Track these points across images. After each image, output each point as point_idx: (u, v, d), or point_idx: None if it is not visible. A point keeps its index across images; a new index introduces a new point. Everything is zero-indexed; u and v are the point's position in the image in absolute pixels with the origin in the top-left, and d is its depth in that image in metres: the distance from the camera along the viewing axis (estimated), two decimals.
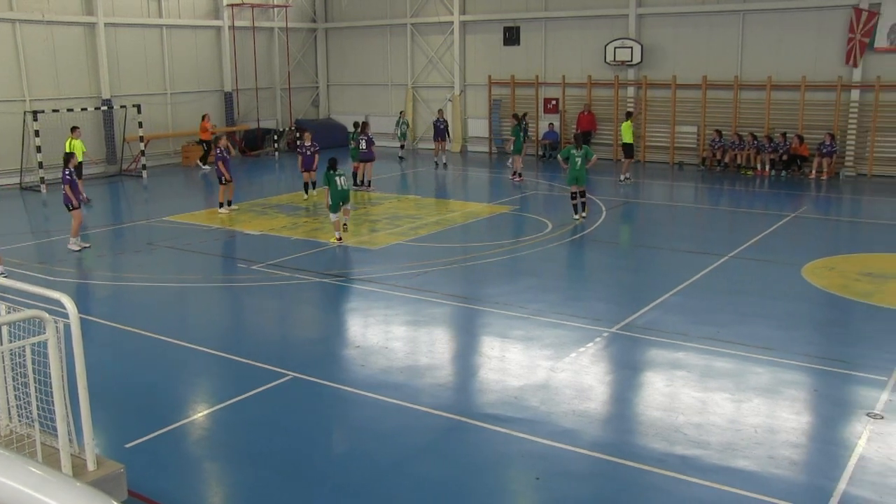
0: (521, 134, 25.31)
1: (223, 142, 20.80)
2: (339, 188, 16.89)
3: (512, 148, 25.40)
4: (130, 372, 10.51)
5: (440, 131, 28.61)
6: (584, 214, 18.96)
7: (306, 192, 22.42)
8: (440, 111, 29.42)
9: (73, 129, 23.03)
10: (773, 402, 9.13)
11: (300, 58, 35.82)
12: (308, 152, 22.27)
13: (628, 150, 25.01)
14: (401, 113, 31.55)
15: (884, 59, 24.77)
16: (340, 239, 17.11)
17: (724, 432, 8.41)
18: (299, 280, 14.51)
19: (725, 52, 27.13)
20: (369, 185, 23.91)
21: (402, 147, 31.01)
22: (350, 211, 17.92)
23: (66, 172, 16.61)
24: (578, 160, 18.66)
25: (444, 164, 28.55)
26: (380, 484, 7.57)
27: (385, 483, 7.59)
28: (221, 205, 20.79)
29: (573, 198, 19.06)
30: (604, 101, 29.80)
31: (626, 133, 24.94)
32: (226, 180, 20.46)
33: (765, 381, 9.71)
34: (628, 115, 25.69)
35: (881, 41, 24.65)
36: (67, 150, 20.86)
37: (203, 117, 29.53)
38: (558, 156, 19.40)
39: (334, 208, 16.95)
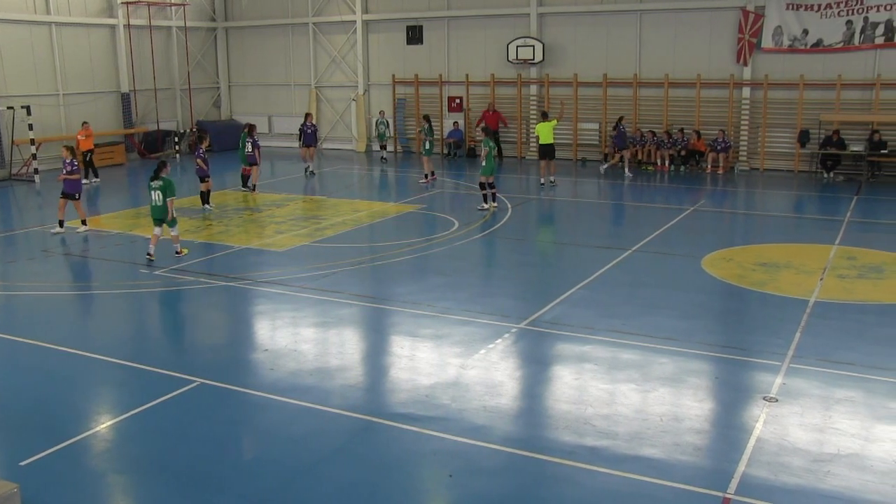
0: (432, 136, 25.07)
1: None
2: (152, 202, 15.60)
3: (425, 149, 24.99)
4: (25, 385, 10.06)
5: (308, 136, 26.82)
6: (495, 205, 19.55)
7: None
8: (308, 115, 27.49)
9: None
10: (678, 391, 9.40)
11: (200, 58, 35.02)
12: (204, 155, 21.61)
13: (548, 150, 23.82)
14: (380, 112, 30.32)
15: (770, 59, 25.86)
16: (150, 256, 15.42)
17: (631, 422, 8.61)
18: (204, 284, 14.18)
19: (624, 50, 27.84)
20: (254, 189, 23.42)
21: (382, 147, 30.08)
22: (174, 236, 15.81)
23: None
24: (493, 151, 19.54)
25: (312, 171, 26.82)
26: (291, 489, 7.46)
27: (296, 488, 7.48)
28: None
29: (483, 188, 19.78)
30: (507, 100, 30.14)
31: (545, 134, 23.68)
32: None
33: (669, 371, 9.99)
34: (544, 116, 24.31)
35: (767, 42, 25.75)
36: None
37: (82, 125, 26.62)
38: (493, 152, 19.73)
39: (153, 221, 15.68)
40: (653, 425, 8.53)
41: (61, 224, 18.32)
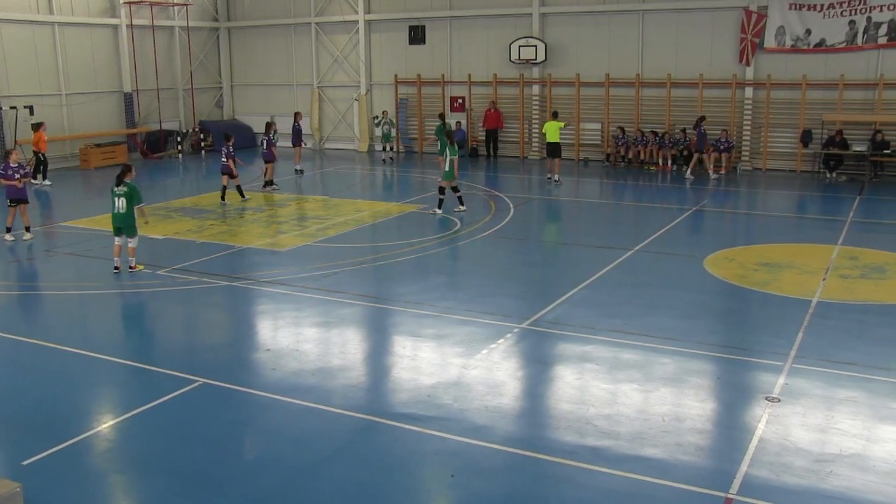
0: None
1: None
2: (114, 210, 14.77)
3: (439, 149, 24.55)
4: (28, 385, 10.07)
5: (294, 136, 26.53)
6: (439, 210, 19.59)
7: (242, 196, 21.87)
8: (297, 114, 27.00)
9: None
10: (679, 391, 9.39)
11: (202, 58, 35.04)
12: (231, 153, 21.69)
13: (554, 149, 24.41)
14: (383, 112, 30.11)
15: (773, 59, 25.84)
16: (116, 268, 14.83)
17: (633, 422, 8.61)
18: (206, 284, 14.19)
19: (626, 50, 27.83)
20: (269, 185, 23.50)
21: (385, 149, 29.68)
22: (131, 248, 14.86)
23: None
24: (455, 155, 19.50)
25: (301, 170, 26.85)
26: (292, 489, 7.46)
27: (298, 488, 7.48)
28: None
29: (443, 192, 19.74)
30: (510, 100, 30.14)
31: (552, 132, 24.28)
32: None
33: (671, 371, 9.98)
34: (554, 115, 25.08)
35: (770, 41, 25.74)
36: None
37: (39, 126, 25.82)
38: (453, 156, 19.60)
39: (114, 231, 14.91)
40: (654, 425, 8.52)
41: (9, 230, 17.69)
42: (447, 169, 19.48)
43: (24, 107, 26.52)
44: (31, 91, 28.00)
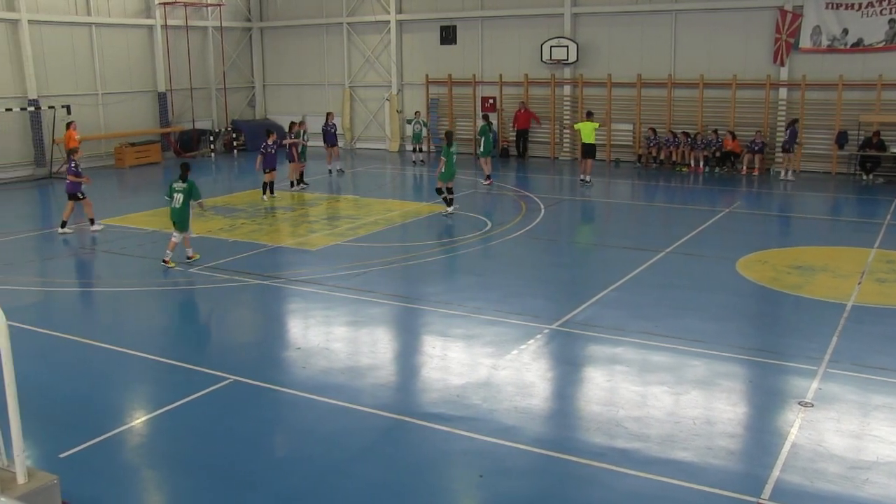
0: (490, 135, 24.60)
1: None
2: (172, 205, 15.32)
3: (481, 150, 24.56)
4: (64, 379, 10.24)
5: (330, 136, 26.46)
6: (450, 210, 19.48)
7: (264, 194, 22.04)
8: (329, 114, 27.02)
9: None
10: (710, 394, 9.31)
11: (235, 57, 35.33)
12: (272, 151, 21.93)
13: (589, 150, 24.07)
14: (416, 113, 30.04)
15: (808, 59, 25.52)
16: (165, 261, 15.24)
17: (663, 425, 8.55)
18: (238, 282, 14.32)
19: (659, 50, 27.63)
20: (296, 185, 23.75)
21: (416, 150, 29.55)
22: (187, 238, 15.50)
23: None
24: (455, 157, 19.28)
25: (340, 170, 27.05)
26: (321, 487, 7.51)
27: (326, 486, 7.52)
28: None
29: (442, 192, 19.62)
30: (541, 100, 30.05)
31: (587, 133, 23.93)
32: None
33: (701, 374, 9.90)
34: (589, 115, 24.68)
35: (805, 42, 25.41)
36: None
37: (68, 125, 25.80)
38: (441, 156, 19.56)
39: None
40: (685, 428, 8.46)
41: (64, 225, 18.33)
42: (444, 170, 19.35)
43: (62, 106, 26.93)
44: (68, 91, 28.41)
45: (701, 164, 26.34)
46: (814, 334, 11.17)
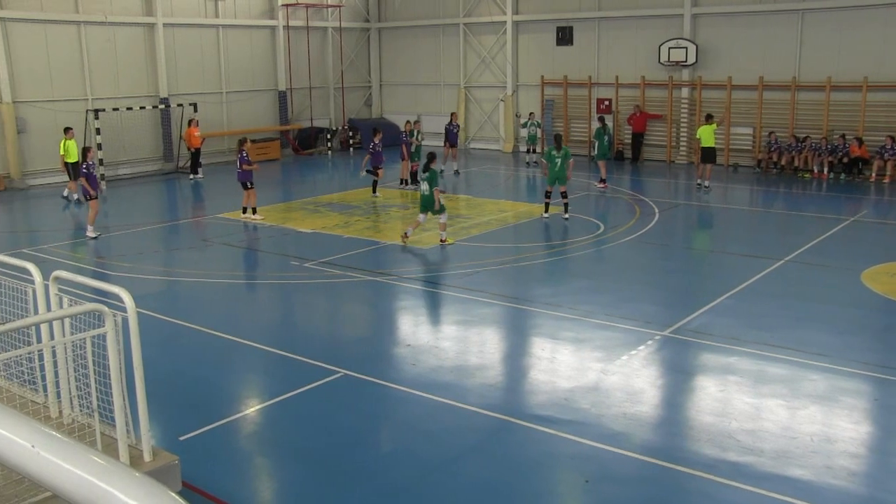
0: (606, 137, 24.37)
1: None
2: (420, 192, 17.00)
3: (596, 153, 24.38)
4: (184, 366, 10.70)
5: (452, 136, 26.63)
6: (566, 216, 19.04)
7: (374, 191, 22.45)
8: (453, 115, 27.49)
9: (67, 129, 22.70)
10: (830, 411, 8.93)
11: (353, 57, 36.09)
12: (379, 150, 22.35)
13: (709, 154, 23.26)
14: (530, 114, 29.90)
15: None
16: (404, 236, 16.83)
17: (778, 439, 8.25)
18: (351, 278, 14.62)
19: (783, 52, 26.62)
20: (406, 183, 24.07)
21: (530, 151, 29.39)
22: (441, 223, 16.81)
23: (84, 166, 17.79)
24: (558, 161, 18.85)
25: (456, 171, 27.05)
26: (426, 483, 7.59)
27: (430, 482, 7.60)
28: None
29: (547, 196, 19.34)
30: (658, 102, 29.46)
31: (707, 137, 23.12)
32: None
33: (821, 389, 9.51)
34: (708, 118, 23.78)
35: None
36: (61, 152, 21.76)
37: (190, 123, 27.31)
38: (542, 158, 19.26)
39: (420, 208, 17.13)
40: (802, 444, 8.14)
41: (244, 211, 19.92)
42: (547, 173, 19.06)
43: (189, 104, 28.15)
44: (195, 90, 29.66)
45: (825, 170, 25.25)
46: None
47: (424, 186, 16.70)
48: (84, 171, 17.73)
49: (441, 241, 16.74)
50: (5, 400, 6.74)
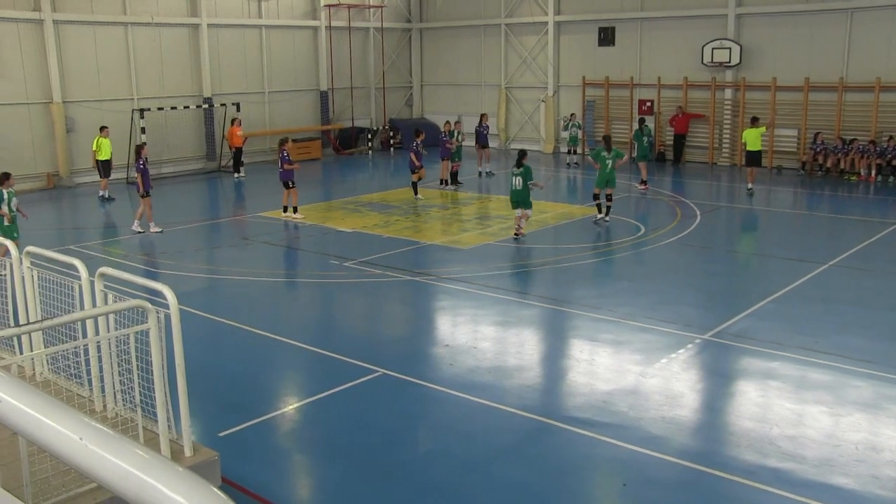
0: (645, 139, 24.14)
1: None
2: (512, 187, 17.12)
3: (635, 155, 24.17)
4: (225, 363, 10.83)
5: (482, 137, 26.53)
6: (607, 218, 18.80)
7: (416, 192, 22.40)
8: (483, 116, 27.02)
9: (102, 128, 23.18)
10: (876, 419, 8.76)
11: (395, 58, 36.22)
12: (421, 150, 22.38)
13: (754, 158, 22.95)
14: (571, 115, 29.94)
15: None
16: (516, 235, 17.17)
17: (821, 447, 8.12)
18: (390, 278, 14.68)
19: (830, 52, 26.16)
20: (446, 184, 24.13)
21: (570, 152, 29.19)
22: (527, 215, 17.28)
23: (139, 162, 18.09)
24: (609, 162, 18.67)
25: (488, 172, 26.93)
26: (463, 483, 7.60)
27: (467, 483, 7.61)
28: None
29: (596, 198, 19.20)
30: (700, 103, 29.14)
31: (753, 140, 22.72)
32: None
33: (866, 396, 9.33)
34: (754, 121, 23.27)
35: None
36: (94, 148, 22.15)
37: (232, 122, 27.61)
38: (589, 157, 19.11)
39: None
40: (845, 452, 8.00)
41: (284, 210, 20.06)
42: (599, 175, 19.00)
43: (232, 104, 28.48)
44: (237, 90, 30.00)
45: (873, 172, 24.77)
46: None
47: (517, 182, 16.81)
48: (140, 167, 18.07)
49: (515, 233, 17.11)
50: (53, 393, 6.89)
